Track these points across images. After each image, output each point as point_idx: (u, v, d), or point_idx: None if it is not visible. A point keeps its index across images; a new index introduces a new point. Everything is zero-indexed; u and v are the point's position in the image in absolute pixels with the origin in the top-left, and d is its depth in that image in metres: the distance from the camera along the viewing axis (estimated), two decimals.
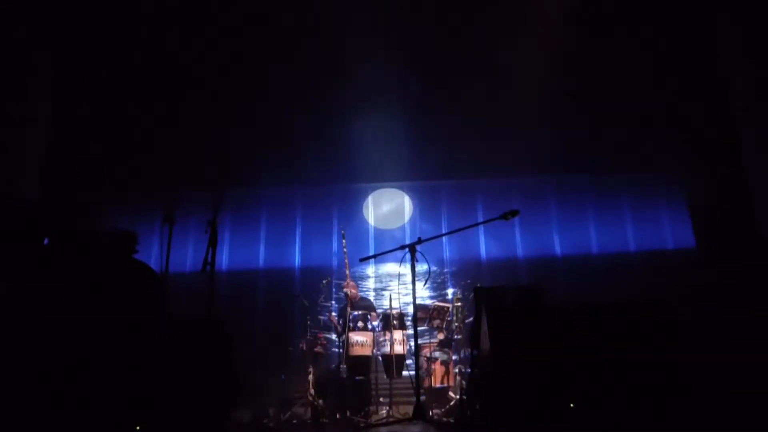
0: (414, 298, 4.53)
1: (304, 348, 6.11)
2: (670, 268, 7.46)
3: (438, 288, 8.16)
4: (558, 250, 8.26)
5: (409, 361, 5.86)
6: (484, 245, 8.35)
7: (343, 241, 6.48)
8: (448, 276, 8.25)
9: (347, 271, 6.39)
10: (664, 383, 3.23)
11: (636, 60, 7.03)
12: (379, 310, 6.41)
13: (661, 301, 3.64)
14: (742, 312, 5.83)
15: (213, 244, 4.30)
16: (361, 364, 5.75)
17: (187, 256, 7.74)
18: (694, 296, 5.94)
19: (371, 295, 8.04)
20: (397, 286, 5.33)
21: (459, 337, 6.06)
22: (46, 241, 4.30)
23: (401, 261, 4.66)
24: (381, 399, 6.08)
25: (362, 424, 5.08)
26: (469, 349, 4.96)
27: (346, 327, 5.78)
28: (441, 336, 6.15)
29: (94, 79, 7.09)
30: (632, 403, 3.19)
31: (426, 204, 8.65)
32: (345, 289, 6.30)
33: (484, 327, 3.64)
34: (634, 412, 3.17)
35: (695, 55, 6.98)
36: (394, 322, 5.83)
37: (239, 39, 6.89)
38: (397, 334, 5.80)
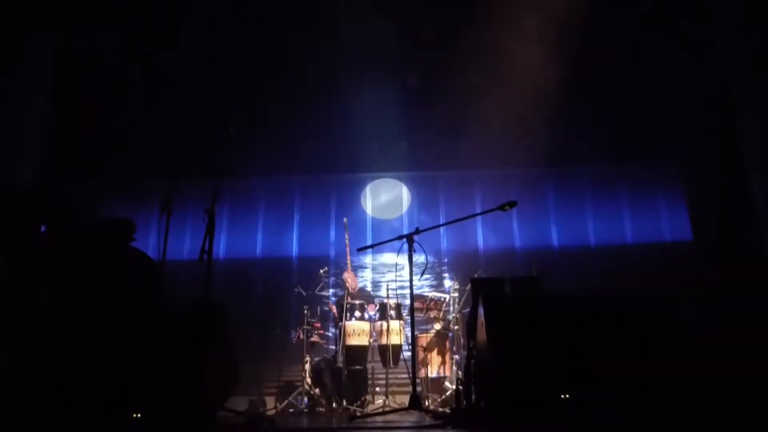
0: (411, 288, 4.53)
1: (301, 337, 6.12)
2: (667, 260, 7.49)
3: (435, 278, 8.17)
4: (555, 241, 8.27)
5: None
6: (481, 236, 8.34)
7: (345, 230, 6.47)
8: (446, 267, 8.26)
9: (348, 261, 6.38)
10: (663, 377, 3.23)
11: (636, 54, 7.01)
12: (377, 300, 6.41)
13: (658, 292, 3.64)
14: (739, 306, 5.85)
15: (210, 232, 4.30)
16: (358, 353, 5.77)
17: (185, 245, 7.75)
18: (692, 288, 5.97)
19: (368, 285, 8.05)
20: (395, 276, 5.33)
21: (456, 327, 6.08)
22: (43, 229, 4.30)
23: (399, 251, 4.66)
24: (377, 389, 6.10)
25: (358, 414, 5.10)
26: (466, 340, 4.97)
27: (343, 316, 5.80)
28: (438, 326, 6.16)
29: (93, 67, 7.05)
30: (630, 396, 3.20)
31: (424, 194, 8.64)
32: (345, 279, 6.29)
33: (481, 318, 3.64)
34: (631, 405, 3.18)
35: (695, 51, 6.97)
36: (391, 312, 5.85)
37: (236, 26, 6.85)
38: (394, 324, 5.82)
